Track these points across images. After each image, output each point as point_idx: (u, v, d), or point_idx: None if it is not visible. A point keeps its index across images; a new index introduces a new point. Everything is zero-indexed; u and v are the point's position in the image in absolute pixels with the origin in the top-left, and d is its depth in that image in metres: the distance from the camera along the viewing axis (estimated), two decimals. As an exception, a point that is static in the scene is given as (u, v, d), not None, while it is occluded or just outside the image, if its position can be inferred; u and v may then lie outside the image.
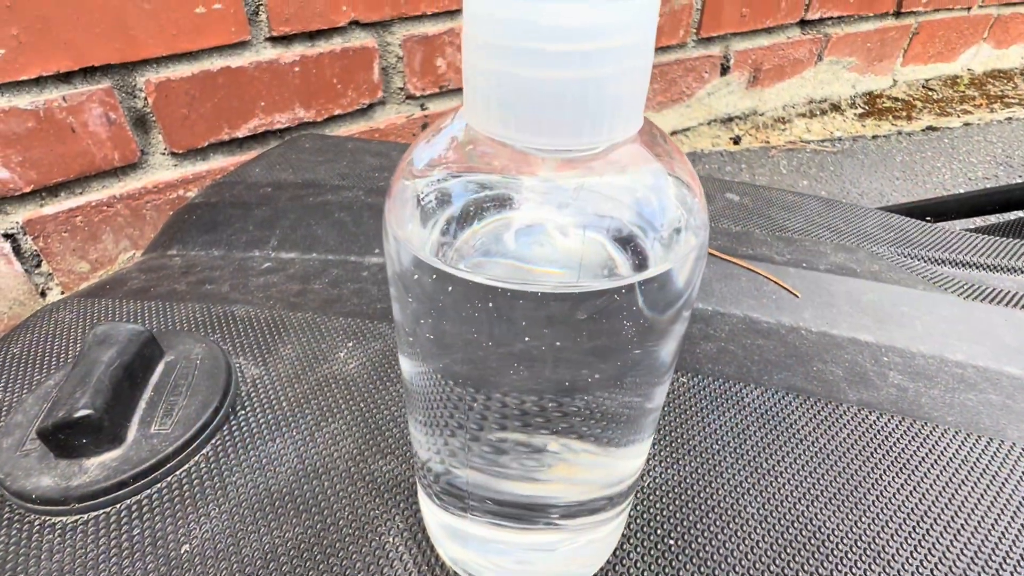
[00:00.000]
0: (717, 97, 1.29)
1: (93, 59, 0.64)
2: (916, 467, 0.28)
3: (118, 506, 0.26)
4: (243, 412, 0.30)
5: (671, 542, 0.24)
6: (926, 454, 0.29)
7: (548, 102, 0.12)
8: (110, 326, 0.30)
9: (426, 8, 0.85)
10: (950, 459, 0.29)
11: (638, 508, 0.26)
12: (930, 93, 1.50)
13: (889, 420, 0.31)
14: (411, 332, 0.16)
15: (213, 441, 0.28)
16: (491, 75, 0.13)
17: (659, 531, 0.25)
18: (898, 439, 0.30)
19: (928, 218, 0.62)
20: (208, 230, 0.47)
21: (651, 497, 0.26)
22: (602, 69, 0.12)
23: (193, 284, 0.41)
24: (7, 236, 0.67)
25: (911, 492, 0.27)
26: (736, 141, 1.28)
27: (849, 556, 0.24)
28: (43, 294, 0.72)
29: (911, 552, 0.25)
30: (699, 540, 0.25)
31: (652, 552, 0.24)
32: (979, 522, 0.26)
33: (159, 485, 0.26)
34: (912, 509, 0.26)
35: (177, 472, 0.27)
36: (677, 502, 0.26)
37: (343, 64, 0.82)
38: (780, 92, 1.37)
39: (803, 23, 1.30)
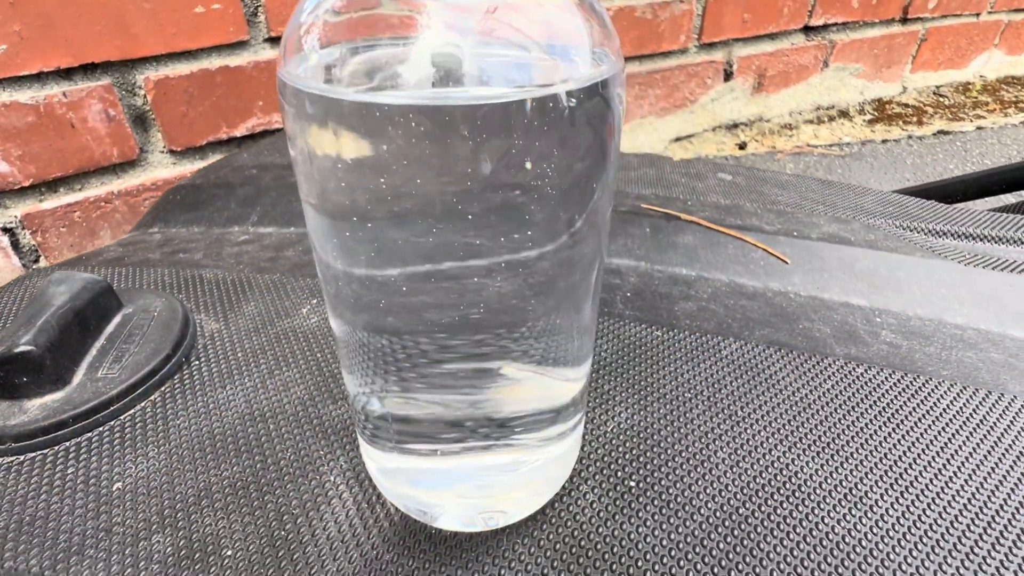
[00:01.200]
0: (721, 103, 1.28)
1: (93, 56, 0.65)
2: (905, 417, 0.26)
3: (56, 448, 0.25)
4: (197, 362, 0.29)
5: (632, 484, 0.23)
6: (917, 405, 0.27)
7: None
8: (66, 273, 0.29)
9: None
10: (944, 410, 0.27)
11: (599, 451, 0.24)
12: (941, 99, 1.48)
13: (878, 373, 0.29)
14: (321, 208, 0.15)
15: (162, 388, 0.27)
16: None
17: (619, 473, 0.23)
18: (887, 391, 0.28)
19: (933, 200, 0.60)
20: (191, 209, 0.47)
21: (614, 441, 0.24)
22: None
23: (167, 254, 0.40)
24: (6, 230, 0.68)
25: (899, 441, 0.25)
26: (742, 147, 1.27)
27: (827, 501, 0.22)
28: (42, 290, 0.73)
29: (896, 499, 0.23)
30: (662, 483, 0.23)
31: (611, 493, 0.22)
32: (972, 472, 0.24)
33: (101, 428, 0.25)
34: (899, 457, 0.24)
35: (121, 416, 0.26)
36: (642, 446, 0.24)
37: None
38: (786, 98, 1.36)
39: (807, 29, 1.29)
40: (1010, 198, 0.86)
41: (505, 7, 0.13)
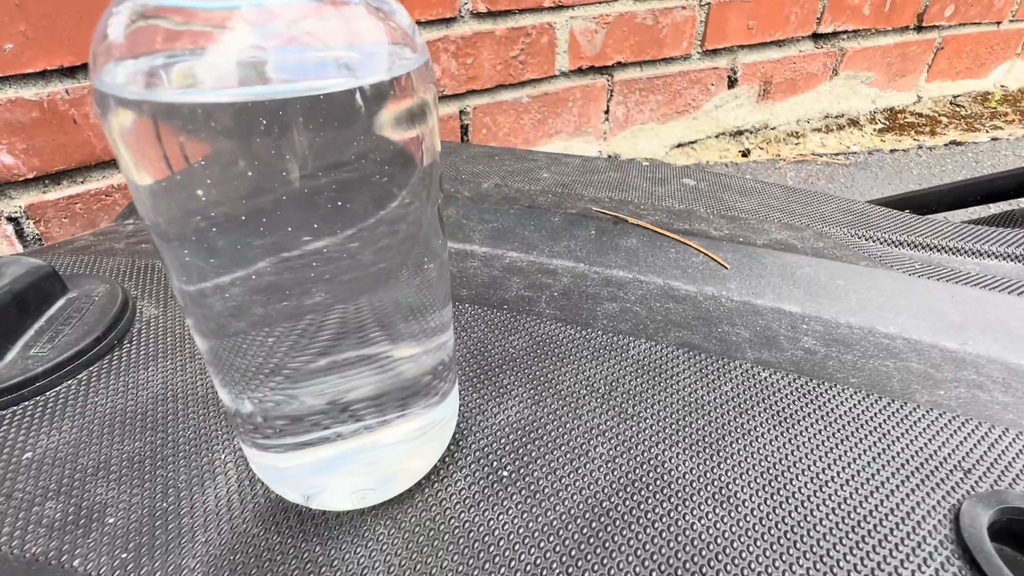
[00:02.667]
0: (725, 110, 1.27)
1: (95, 55, 0.68)
2: (797, 422, 0.27)
3: (-18, 419, 0.26)
4: (129, 345, 0.31)
5: (504, 473, 0.23)
6: (812, 410, 0.27)
7: None
8: (11, 258, 0.31)
9: (419, 15, 0.88)
10: (839, 416, 0.27)
11: (481, 442, 0.25)
12: (958, 109, 1.44)
13: (782, 378, 0.29)
14: (164, 228, 0.16)
15: (90, 368, 0.29)
16: None
17: (496, 463, 0.24)
18: (785, 395, 0.28)
19: (908, 211, 0.59)
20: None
21: (499, 432, 0.25)
22: None
23: (131, 244, 0.42)
24: (10, 219, 0.72)
25: (784, 443, 0.25)
26: (745, 155, 1.26)
27: (694, 498, 0.23)
28: (44, 278, 0.76)
29: (765, 499, 0.23)
30: (535, 474, 0.23)
31: (481, 481, 0.23)
32: (850, 477, 0.24)
33: (26, 403, 0.27)
34: (780, 459, 0.25)
35: (46, 393, 0.28)
36: (524, 439, 0.25)
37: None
38: (793, 106, 1.34)
39: (815, 36, 1.28)
40: (1005, 203, 0.84)
41: (304, 13, 0.14)
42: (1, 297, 0.29)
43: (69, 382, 0.28)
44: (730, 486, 0.23)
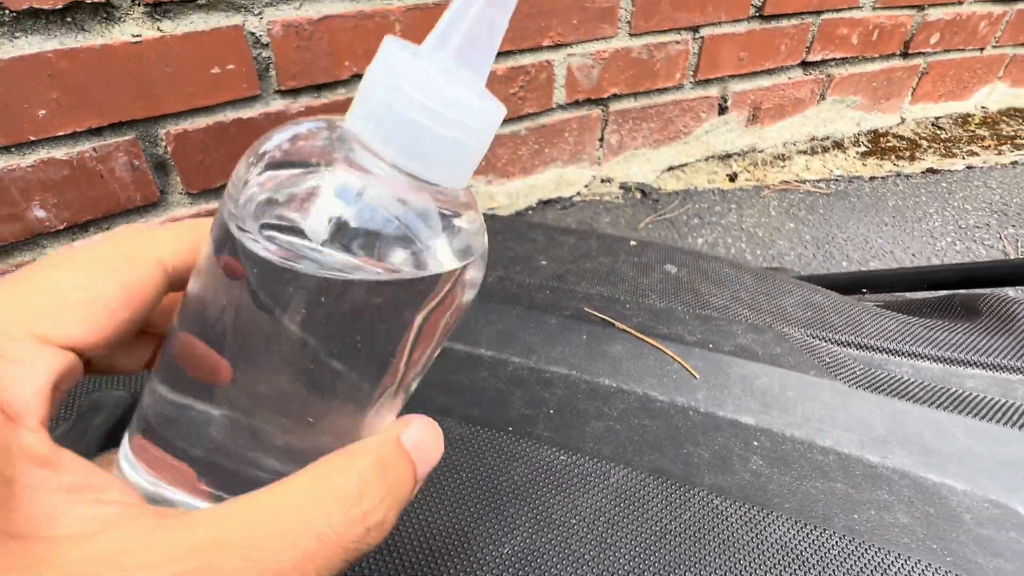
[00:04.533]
0: (715, 135, 1.32)
1: (121, 116, 0.73)
2: (739, 550, 0.34)
3: None
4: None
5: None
6: (751, 538, 0.35)
7: (427, 145, 0.17)
8: (101, 396, 0.38)
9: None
10: (772, 544, 0.34)
11: (485, 571, 0.32)
12: (938, 132, 1.50)
13: (730, 506, 0.36)
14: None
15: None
16: (395, 111, 0.17)
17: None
18: (732, 523, 0.35)
19: (864, 290, 0.66)
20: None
21: (506, 562, 0.32)
22: (467, 141, 0.18)
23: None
24: (44, 266, 0.77)
25: (726, 573, 0.33)
26: (732, 179, 1.32)
27: (653, 625, 0.30)
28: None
29: (707, 625, 0.30)
30: (534, 603, 0.31)
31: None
32: (774, 603, 0.32)
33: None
34: (722, 587, 0.32)
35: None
36: (525, 571, 0.32)
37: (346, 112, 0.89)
38: (781, 130, 1.40)
39: (804, 64, 1.32)
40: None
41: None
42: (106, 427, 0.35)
43: None
44: (681, 613, 0.31)
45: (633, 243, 0.64)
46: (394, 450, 0.18)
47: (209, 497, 0.19)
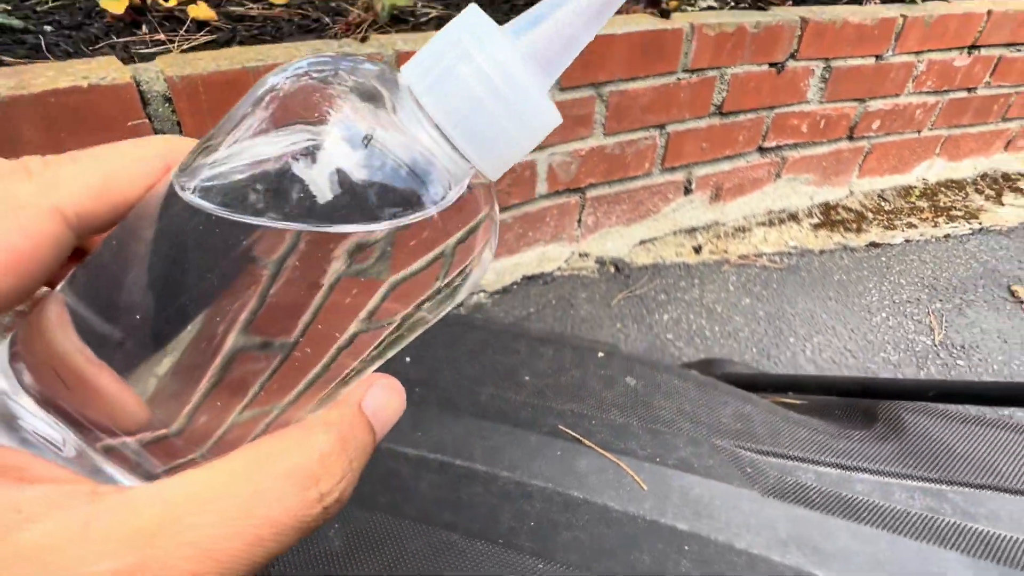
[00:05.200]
0: (681, 212, 1.48)
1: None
2: (667, 641, 0.47)
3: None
4: None
5: None
6: (677, 631, 0.48)
7: (481, 122, 0.16)
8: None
9: (424, 169, 1.05)
10: (691, 636, 0.47)
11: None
12: (883, 204, 1.67)
13: (662, 605, 0.49)
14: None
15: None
16: (460, 76, 0.16)
17: None
18: (664, 619, 0.48)
19: (790, 392, 0.80)
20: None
21: (498, 656, 0.45)
22: (519, 133, 0.17)
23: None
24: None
25: (656, 659, 0.46)
26: (697, 251, 1.47)
27: None
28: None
29: None
30: None
31: None
32: None
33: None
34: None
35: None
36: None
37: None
38: (741, 205, 1.55)
39: (761, 149, 1.48)
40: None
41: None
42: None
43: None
44: None
45: (600, 355, 0.77)
46: (355, 420, 0.17)
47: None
